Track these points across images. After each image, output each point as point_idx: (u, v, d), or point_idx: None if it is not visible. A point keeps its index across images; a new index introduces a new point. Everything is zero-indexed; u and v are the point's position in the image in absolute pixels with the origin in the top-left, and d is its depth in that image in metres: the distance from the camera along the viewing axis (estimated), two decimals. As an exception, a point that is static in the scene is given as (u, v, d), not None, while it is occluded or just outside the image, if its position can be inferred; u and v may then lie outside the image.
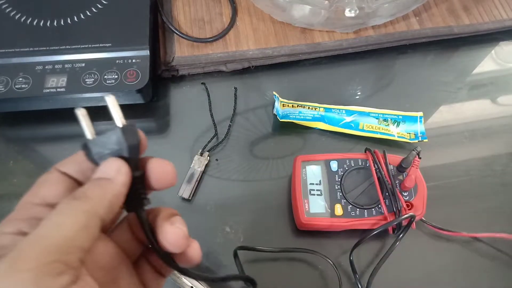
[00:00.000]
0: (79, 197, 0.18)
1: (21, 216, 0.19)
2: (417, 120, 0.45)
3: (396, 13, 0.47)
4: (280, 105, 0.45)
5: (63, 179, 0.21)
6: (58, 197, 0.20)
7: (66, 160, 0.22)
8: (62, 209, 0.18)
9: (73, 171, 0.21)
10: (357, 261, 0.39)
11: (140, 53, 0.43)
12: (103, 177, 0.20)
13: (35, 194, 0.20)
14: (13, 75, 0.41)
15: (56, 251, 0.16)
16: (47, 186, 0.21)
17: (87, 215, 0.18)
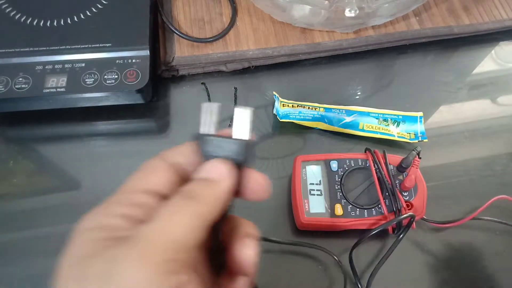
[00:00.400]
0: (193, 197, 0.19)
1: (125, 201, 0.19)
2: (417, 120, 0.45)
3: (396, 13, 0.47)
4: (280, 105, 0.45)
5: (167, 169, 0.21)
6: (160, 186, 0.20)
7: (173, 150, 0.22)
8: (181, 208, 0.18)
9: (178, 161, 0.21)
10: (357, 261, 0.39)
11: (140, 53, 0.43)
12: (213, 178, 0.20)
13: (140, 181, 0.20)
14: (13, 75, 0.41)
15: (176, 249, 0.17)
16: (151, 174, 0.21)
17: (202, 218, 0.18)
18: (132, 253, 0.16)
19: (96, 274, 0.16)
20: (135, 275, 0.15)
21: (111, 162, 0.43)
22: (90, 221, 0.19)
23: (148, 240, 0.16)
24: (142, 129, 0.46)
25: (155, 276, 0.16)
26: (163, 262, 0.16)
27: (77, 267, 0.17)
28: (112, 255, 0.16)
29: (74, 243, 0.18)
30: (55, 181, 0.43)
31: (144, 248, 0.16)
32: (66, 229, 0.43)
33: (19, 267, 0.38)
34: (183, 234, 0.17)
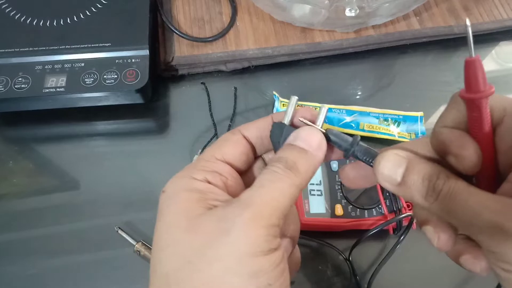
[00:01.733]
0: (293, 168, 0.20)
1: (206, 168, 0.21)
2: (417, 120, 0.45)
3: (397, 12, 0.47)
4: (280, 105, 0.45)
5: (243, 142, 0.23)
6: (235, 156, 0.22)
7: (250, 125, 0.24)
8: (281, 177, 0.20)
9: (253, 136, 0.23)
10: (358, 261, 0.39)
11: (140, 52, 0.43)
12: (309, 149, 0.21)
13: (219, 150, 0.22)
14: (12, 75, 0.41)
15: (278, 216, 0.19)
16: (229, 145, 0.23)
17: (296, 189, 0.20)
18: (245, 214, 0.18)
19: (209, 230, 0.18)
20: (248, 233, 0.18)
21: (111, 162, 0.43)
22: (181, 184, 0.21)
23: (258, 205, 0.19)
24: (141, 129, 0.46)
25: (264, 237, 0.18)
26: (270, 226, 0.18)
27: (187, 223, 0.19)
28: (224, 215, 0.18)
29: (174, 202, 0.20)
30: (55, 181, 0.43)
31: (255, 211, 0.18)
32: (66, 229, 0.43)
33: (19, 267, 0.38)
34: (283, 202, 0.19)
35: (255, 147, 0.24)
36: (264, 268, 0.18)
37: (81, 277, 0.38)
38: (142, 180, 0.42)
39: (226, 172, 0.22)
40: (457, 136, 0.19)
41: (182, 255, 0.18)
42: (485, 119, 0.18)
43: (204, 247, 0.18)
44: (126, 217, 0.40)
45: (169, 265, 0.19)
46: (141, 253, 0.37)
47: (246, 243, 0.18)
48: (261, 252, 0.18)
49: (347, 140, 0.22)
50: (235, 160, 0.22)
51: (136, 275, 0.38)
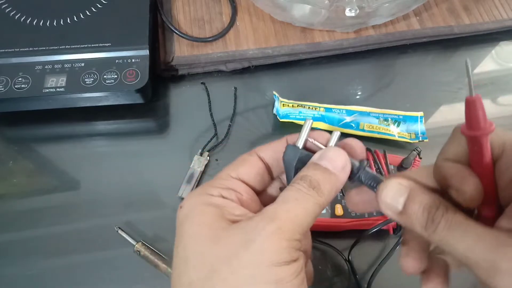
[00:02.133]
0: (317, 188, 0.21)
1: (221, 185, 0.23)
2: (417, 120, 0.45)
3: (397, 12, 0.47)
4: (280, 105, 0.45)
5: (258, 163, 0.24)
6: (250, 176, 0.23)
7: (266, 146, 0.25)
8: (305, 195, 0.21)
9: (269, 157, 0.24)
10: (358, 262, 0.39)
11: (140, 52, 0.43)
12: (333, 170, 0.22)
13: (235, 170, 0.24)
14: (12, 75, 0.41)
15: (300, 231, 0.20)
16: (245, 165, 0.24)
17: (319, 208, 0.21)
18: (269, 227, 0.19)
19: (234, 241, 0.19)
20: (272, 244, 0.19)
21: (111, 162, 0.43)
22: (198, 200, 0.22)
23: (282, 220, 0.20)
24: (141, 129, 0.46)
25: (286, 249, 0.19)
26: (293, 240, 0.20)
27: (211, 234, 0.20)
28: (249, 227, 0.20)
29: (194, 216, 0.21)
30: (55, 181, 0.43)
31: (279, 225, 0.19)
32: (66, 229, 0.43)
33: (19, 267, 0.38)
34: (306, 220, 0.20)
35: (271, 168, 0.25)
36: (287, 277, 0.19)
37: (81, 277, 0.38)
38: (142, 180, 0.42)
39: (240, 189, 0.23)
40: (458, 170, 0.20)
41: (207, 264, 0.19)
42: (485, 154, 0.19)
43: (229, 257, 0.19)
44: (126, 217, 0.40)
45: (194, 274, 0.20)
46: (141, 253, 0.37)
47: (270, 253, 0.19)
48: (284, 262, 0.19)
49: (354, 164, 0.23)
50: (250, 179, 0.23)
51: (136, 275, 0.38)
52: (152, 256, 0.37)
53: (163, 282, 0.37)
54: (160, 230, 0.40)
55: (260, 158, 0.24)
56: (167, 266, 0.37)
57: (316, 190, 0.21)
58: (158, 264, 0.37)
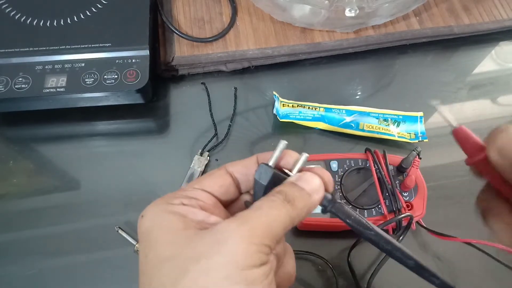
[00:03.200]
0: (291, 202, 0.22)
1: (182, 195, 0.23)
2: (417, 120, 0.45)
3: (396, 13, 0.47)
4: (280, 105, 0.45)
5: (225, 176, 0.24)
6: (213, 187, 0.24)
7: (237, 162, 0.25)
8: (279, 206, 0.21)
9: (238, 172, 0.25)
10: (358, 262, 0.39)
11: (140, 53, 0.43)
12: (310, 191, 0.23)
13: (198, 182, 0.24)
14: (13, 75, 0.41)
15: (270, 237, 0.20)
16: (209, 178, 0.24)
17: (291, 220, 0.22)
18: (241, 229, 0.20)
19: (206, 242, 0.20)
20: (241, 246, 0.19)
21: (111, 162, 0.43)
22: (159, 208, 0.22)
23: (254, 224, 0.20)
24: (142, 129, 0.46)
25: (254, 252, 0.19)
26: (261, 244, 0.20)
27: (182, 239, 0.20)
28: (220, 228, 0.20)
29: (159, 223, 0.21)
30: (55, 181, 0.43)
31: (250, 229, 0.20)
32: (66, 229, 0.43)
33: (19, 267, 0.38)
34: (276, 228, 0.21)
35: (240, 183, 0.25)
36: (257, 278, 0.19)
37: (81, 277, 0.38)
38: (142, 180, 0.42)
39: (202, 196, 0.23)
40: None
41: (179, 266, 0.19)
42: None
43: (200, 257, 0.19)
44: (126, 217, 0.40)
45: (165, 277, 0.20)
46: (141, 253, 0.37)
47: (241, 255, 0.19)
48: (253, 265, 0.19)
49: (326, 196, 0.23)
50: (214, 190, 0.24)
51: (136, 275, 0.38)
52: (152, 256, 0.37)
53: (163, 282, 0.37)
54: (160, 230, 0.40)
55: (228, 172, 0.25)
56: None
57: (290, 204, 0.22)
58: (158, 264, 0.37)
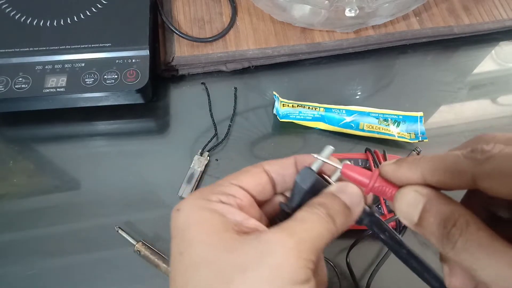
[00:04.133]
0: (333, 218, 0.21)
1: (220, 191, 0.22)
2: (417, 120, 0.45)
3: (396, 13, 0.47)
4: (280, 105, 0.45)
5: (262, 174, 0.24)
6: (250, 184, 0.23)
7: (274, 161, 0.25)
8: (322, 221, 0.21)
9: (275, 172, 0.24)
10: (357, 262, 0.39)
11: (140, 53, 0.43)
12: (351, 205, 0.22)
13: (236, 177, 0.23)
14: (13, 75, 0.41)
15: (315, 252, 0.20)
16: (247, 174, 0.24)
17: (332, 236, 0.21)
18: (288, 243, 0.19)
19: (250, 251, 0.19)
20: (290, 260, 0.19)
21: (111, 162, 0.43)
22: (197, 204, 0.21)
23: (301, 237, 0.20)
24: (142, 129, 0.46)
25: (301, 267, 0.19)
26: (308, 259, 0.19)
27: (224, 242, 0.20)
28: (266, 239, 0.19)
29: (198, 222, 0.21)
30: (55, 181, 0.43)
31: (299, 243, 0.19)
32: (66, 229, 0.43)
33: (19, 267, 0.38)
34: (320, 243, 0.20)
35: (276, 183, 0.24)
36: None
37: (81, 277, 0.38)
38: (142, 180, 0.42)
39: (239, 194, 0.22)
40: None
41: (220, 272, 0.19)
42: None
43: (244, 267, 0.18)
44: (126, 217, 0.40)
45: (204, 281, 0.19)
46: (141, 253, 0.37)
47: (289, 269, 0.18)
48: (299, 281, 0.19)
49: (365, 208, 0.23)
50: (250, 187, 0.23)
51: (136, 275, 0.38)
52: (152, 256, 0.37)
53: (163, 282, 0.37)
54: (160, 230, 0.40)
55: (265, 171, 0.24)
56: (168, 266, 0.37)
57: (332, 220, 0.21)
58: (159, 264, 0.37)
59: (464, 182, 0.17)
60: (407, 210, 0.19)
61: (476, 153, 0.17)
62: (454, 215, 0.17)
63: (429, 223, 0.18)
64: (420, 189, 0.19)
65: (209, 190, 0.22)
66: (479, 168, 0.17)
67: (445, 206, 0.18)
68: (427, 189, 0.19)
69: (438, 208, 0.18)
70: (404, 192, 0.20)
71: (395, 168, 0.20)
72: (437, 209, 0.18)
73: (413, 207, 0.19)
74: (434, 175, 0.19)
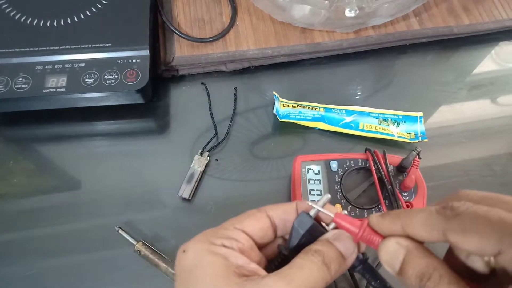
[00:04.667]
0: (328, 266, 0.22)
1: (223, 235, 0.23)
2: (417, 120, 0.45)
3: (396, 13, 0.47)
4: (280, 105, 0.45)
5: (265, 219, 0.25)
6: (253, 229, 0.24)
7: (277, 206, 0.26)
8: (318, 269, 0.22)
9: (277, 217, 0.25)
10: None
11: (140, 53, 0.43)
12: (342, 251, 0.23)
13: (240, 221, 0.25)
14: (13, 75, 0.41)
15: None
16: (251, 219, 0.25)
17: (326, 282, 0.22)
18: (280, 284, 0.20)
19: None
20: None
21: (111, 162, 0.43)
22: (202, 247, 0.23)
23: (299, 283, 0.21)
24: (142, 129, 0.46)
25: None
26: None
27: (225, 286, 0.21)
28: (267, 284, 0.21)
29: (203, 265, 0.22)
30: (55, 181, 0.43)
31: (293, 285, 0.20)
32: (66, 229, 0.43)
33: (18, 267, 0.38)
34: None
35: (277, 227, 0.25)
36: None
37: (81, 277, 0.38)
38: (142, 180, 0.42)
39: (241, 238, 0.24)
40: None
41: None
42: None
43: None
44: (126, 217, 0.40)
45: None
46: (141, 252, 0.37)
47: None
48: None
49: (358, 255, 0.24)
50: (253, 232, 0.24)
51: (136, 275, 0.38)
52: (152, 255, 0.37)
53: (163, 282, 0.37)
54: (160, 230, 0.40)
55: (268, 215, 0.25)
56: (167, 266, 0.37)
57: (327, 267, 0.22)
58: (159, 263, 0.37)
59: (436, 236, 0.19)
60: (389, 260, 0.21)
61: (446, 210, 0.19)
62: (429, 268, 0.19)
63: (408, 274, 0.19)
64: (402, 240, 0.21)
65: (213, 233, 0.23)
66: (448, 224, 0.18)
67: (422, 259, 0.20)
68: (408, 241, 0.21)
69: (415, 261, 0.20)
70: (387, 243, 0.21)
71: (380, 220, 0.22)
72: (415, 262, 0.20)
73: (395, 257, 0.20)
74: (411, 228, 0.20)
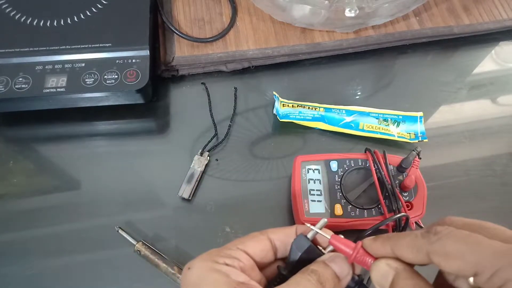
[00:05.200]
0: (322, 283, 0.23)
1: (226, 254, 0.25)
2: (417, 120, 0.45)
3: (396, 13, 0.47)
4: (280, 105, 0.45)
5: (266, 242, 0.27)
6: (255, 251, 0.26)
7: (279, 230, 0.27)
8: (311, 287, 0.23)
9: (278, 240, 0.27)
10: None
11: (140, 53, 0.43)
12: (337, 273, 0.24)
13: (242, 242, 0.26)
14: (13, 75, 0.41)
15: None
16: (253, 241, 0.26)
17: None
18: None
19: None
20: None
21: (111, 162, 0.43)
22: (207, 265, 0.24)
23: None
24: (142, 129, 0.46)
25: None
26: None
27: None
28: None
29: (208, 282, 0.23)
30: (55, 181, 0.43)
31: None
32: (66, 229, 0.43)
33: (18, 267, 0.38)
34: None
35: (278, 249, 0.27)
36: None
37: (81, 277, 0.38)
38: (142, 180, 0.42)
39: (243, 258, 0.25)
40: None
41: None
42: None
43: None
44: (126, 217, 0.40)
45: None
46: (141, 252, 0.37)
47: None
48: None
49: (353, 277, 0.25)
50: (254, 253, 0.26)
51: (136, 275, 0.38)
52: (152, 255, 0.37)
53: (163, 282, 0.37)
54: (160, 230, 0.40)
55: (269, 238, 0.27)
56: (167, 266, 0.37)
57: (322, 286, 0.23)
58: (159, 263, 0.37)
59: (421, 257, 0.21)
60: (380, 280, 0.22)
61: (430, 233, 0.20)
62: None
63: None
64: (392, 262, 0.22)
65: (217, 252, 0.25)
66: (431, 247, 0.20)
67: (409, 280, 0.21)
68: (397, 263, 0.22)
69: (403, 281, 0.21)
70: (378, 264, 0.23)
71: (372, 242, 0.24)
72: (403, 283, 0.21)
73: (385, 278, 0.22)
74: (399, 250, 0.22)
